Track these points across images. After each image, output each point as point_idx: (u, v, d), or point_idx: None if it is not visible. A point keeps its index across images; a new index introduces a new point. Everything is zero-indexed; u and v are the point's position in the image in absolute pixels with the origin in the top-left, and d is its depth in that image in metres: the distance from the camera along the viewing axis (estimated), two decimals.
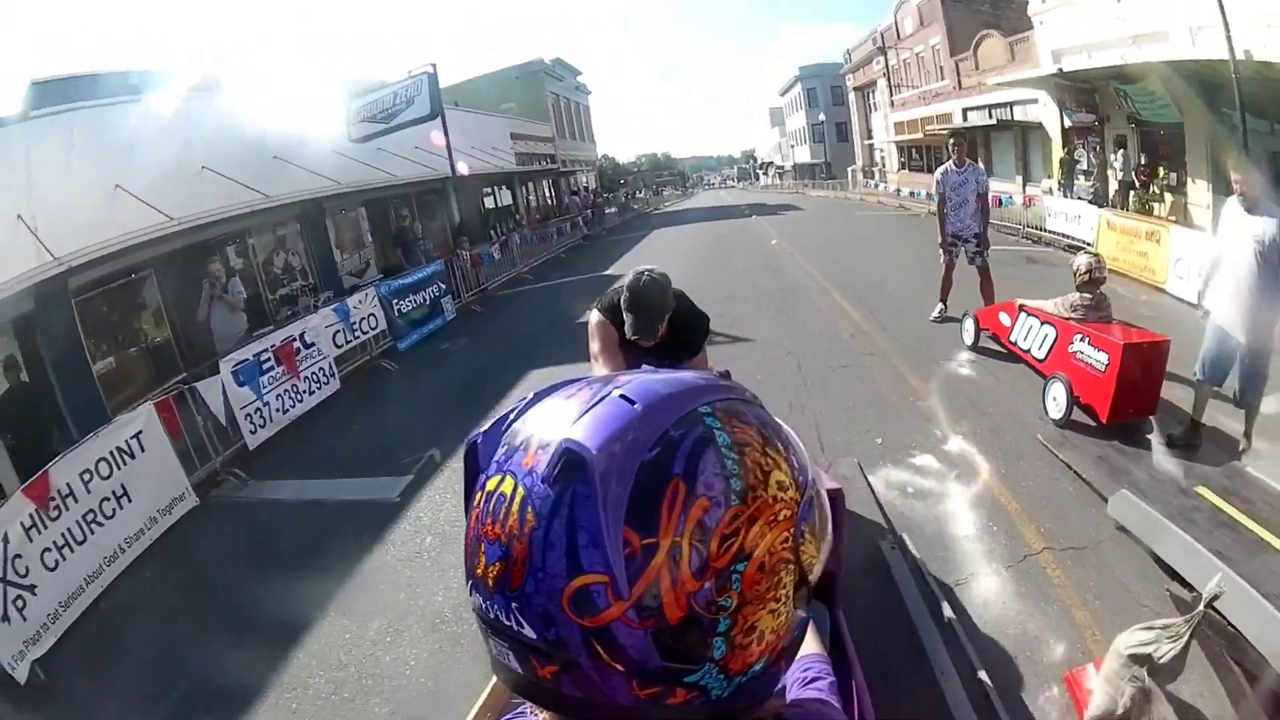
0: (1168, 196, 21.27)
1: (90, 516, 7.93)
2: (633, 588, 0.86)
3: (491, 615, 0.92)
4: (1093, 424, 7.48)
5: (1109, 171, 23.74)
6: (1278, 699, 3.74)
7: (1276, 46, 13.17)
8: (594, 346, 4.73)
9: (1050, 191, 25.70)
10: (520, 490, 0.91)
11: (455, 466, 9.00)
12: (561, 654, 0.88)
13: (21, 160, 12.70)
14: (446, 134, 22.74)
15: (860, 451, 7.61)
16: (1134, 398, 7.12)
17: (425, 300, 17.16)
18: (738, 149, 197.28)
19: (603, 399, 0.96)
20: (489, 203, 37.63)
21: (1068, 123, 26.02)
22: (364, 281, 22.97)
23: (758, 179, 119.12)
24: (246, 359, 10.81)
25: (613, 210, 54.68)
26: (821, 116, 73.74)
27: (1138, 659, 3.65)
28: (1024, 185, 30.95)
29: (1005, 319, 9.34)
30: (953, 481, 6.96)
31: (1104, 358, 7.22)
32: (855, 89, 59.20)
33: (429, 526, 7.90)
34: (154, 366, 15.25)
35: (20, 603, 6.92)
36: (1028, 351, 8.77)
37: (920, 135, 42.78)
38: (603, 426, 0.92)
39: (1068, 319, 7.98)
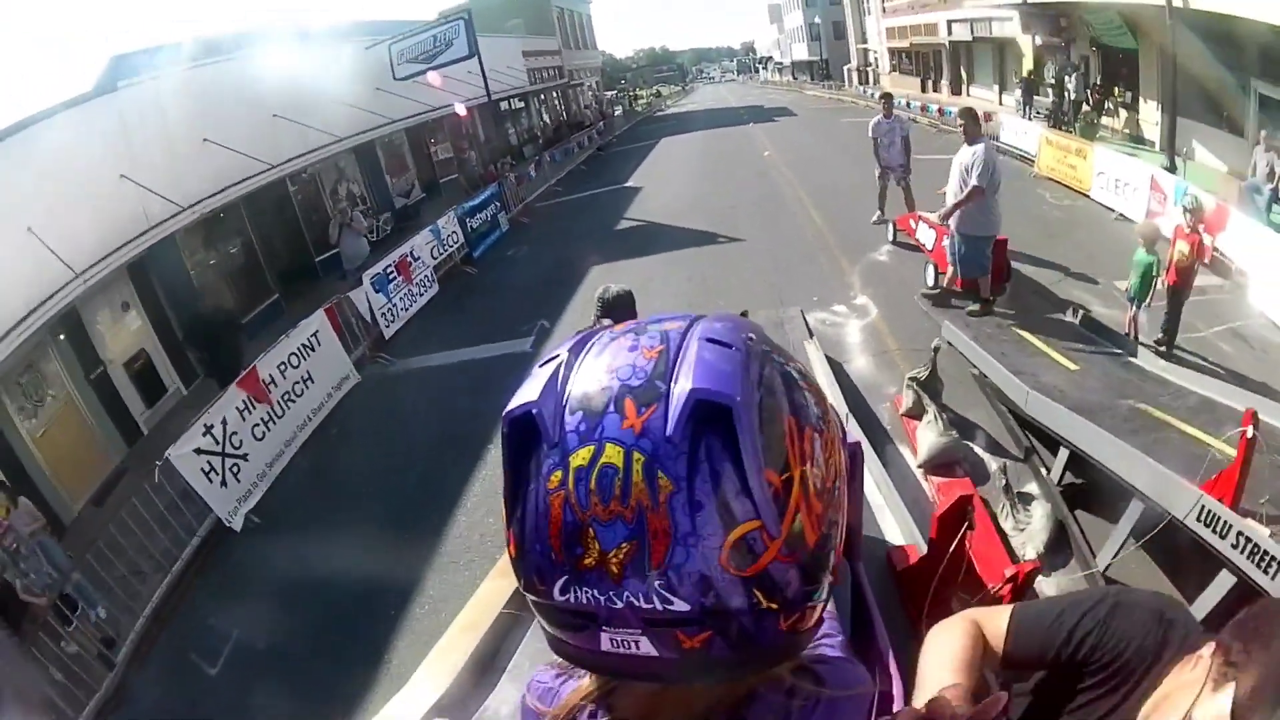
0: (1122, 113, 23.67)
1: (286, 396, 10.67)
2: (781, 525, 0.87)
3: (616, 605, 0.86)
4: (957, 289, 11.10)
5: (1065, 90, 25.79)
6: (1005, 399, 7.66)
7: None
8: None
9: (1021, 103, 28.15)
10: (637, 456, 0.85)
11: (565, 328, 12.76)
12: (718, 616, 0.86)
13: (117, 127, 14.48)
14: (483, 71, 25.91)
15: (803, 303, 11.06)
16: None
17: (488, 217, 20.45)
18: (737, 40, 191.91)
19: (684, 346, 0.93)
20: (508, 121, 39.71)
21: (1038, 41, 28.02)
22: (411, 201, 26.44)
23: (757, 73, 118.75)
24: (379, 272, 14.19)
25: (618, 113, 57.17)
26: (818, 18, 72.77)
27: (914, 379, 7.60)
28: (1000, 94, 32.89)
29: (912, 223, 12.74)
30: (853, 318, 11.31)
31: None
32: None
33: None
34: (244, 291, 17.75)
35: (235, 469, 9.36)
36: (923, 244, 12.22)
37: (908, 43, 44.29)
38: (718, 371, 0.89)
39: (942, 225, 11.34)
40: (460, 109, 26.12)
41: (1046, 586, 5.65)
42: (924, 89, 42.20)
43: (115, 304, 14.04)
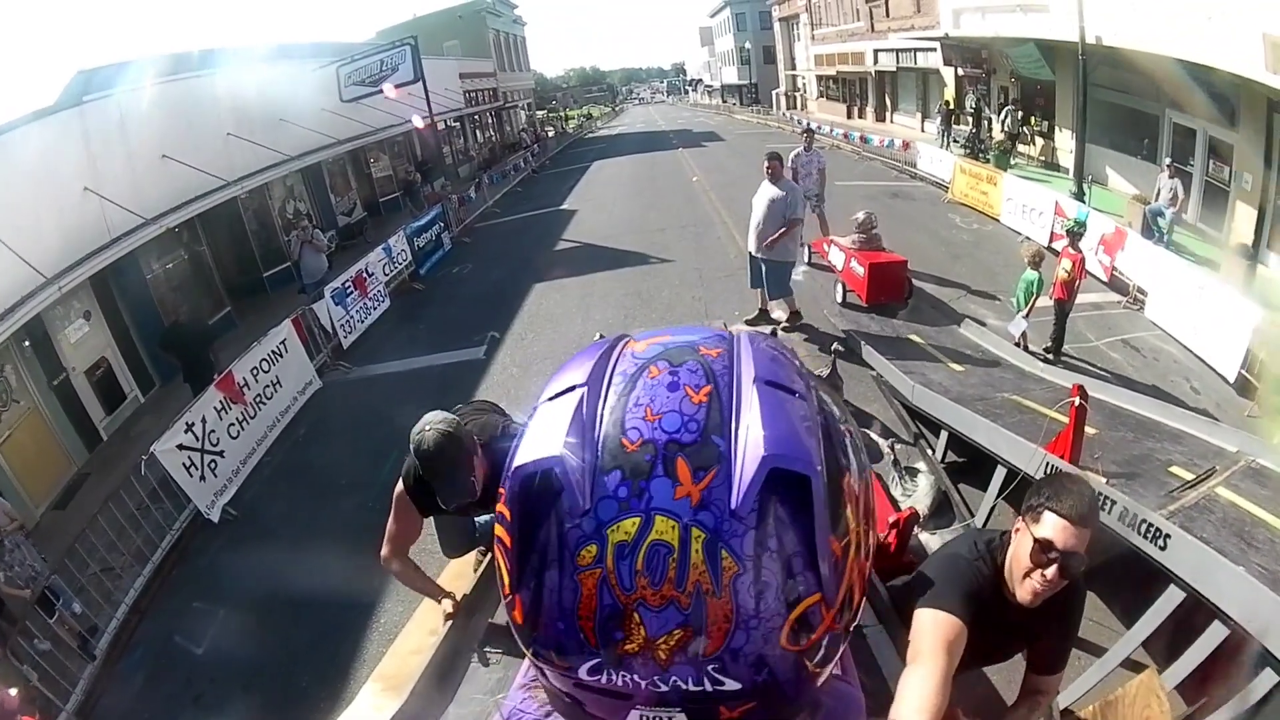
0: (1039, 141, 25.19)
1: (258, 398, 11.37)
2: (838, 594, 0.82)
3: (660, 689, 0.80)
4: (863, 305, 12.24)
5: (995, 123, 26.72)
6: (896, 393, 8.79)
7: (1121, 34, 16.33)
8: (392, 514, 4.09)
9: (941, 131, 28.96)
10: (697, 533, 0.78)
11: (514, 339, 13.84)
12: (768, 689, 0.81)
13: (81, 141, 14.78)
14: (427, 95, 26.79)
15: (726, 316, 12.20)
16: (881, 290, 12.05)
17: (433, 236, 21.28)
18: (668, 61, 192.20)
19: (737, 388, 0.86)
20: (445, 143, 39.81)
21: (960, 71, 29.48)
22: (354, 219, 27.00)
23: (687, 94, 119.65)
24: (338, 287, 15.00)
25: (551, 135, 58.79)
26: (748, 44, 73.56)
27: (817, 377, 8.58)
28: (922, 122, 34.48)
29: (825, 246, 13.83)
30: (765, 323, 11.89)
31: (861, 269, 12.11)
32: (780, 20, 60.62)
33: (512, 363, 12.72)
34: (199, 303, 17.65)
35: (213, 465, 9.94)
36: (834, 265, 13.37)
37: (834, 71, 45.62)
38: (792, 431, 0.81)
39: (849, 248, 12.65)
40: (418, 121, 26.98)
41: (934, 542, 6.78)
42: (850, 115, 43.77)
43: (78, 313, 14.31)
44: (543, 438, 0.85)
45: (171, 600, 8.67)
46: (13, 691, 4.08)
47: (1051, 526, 2.58)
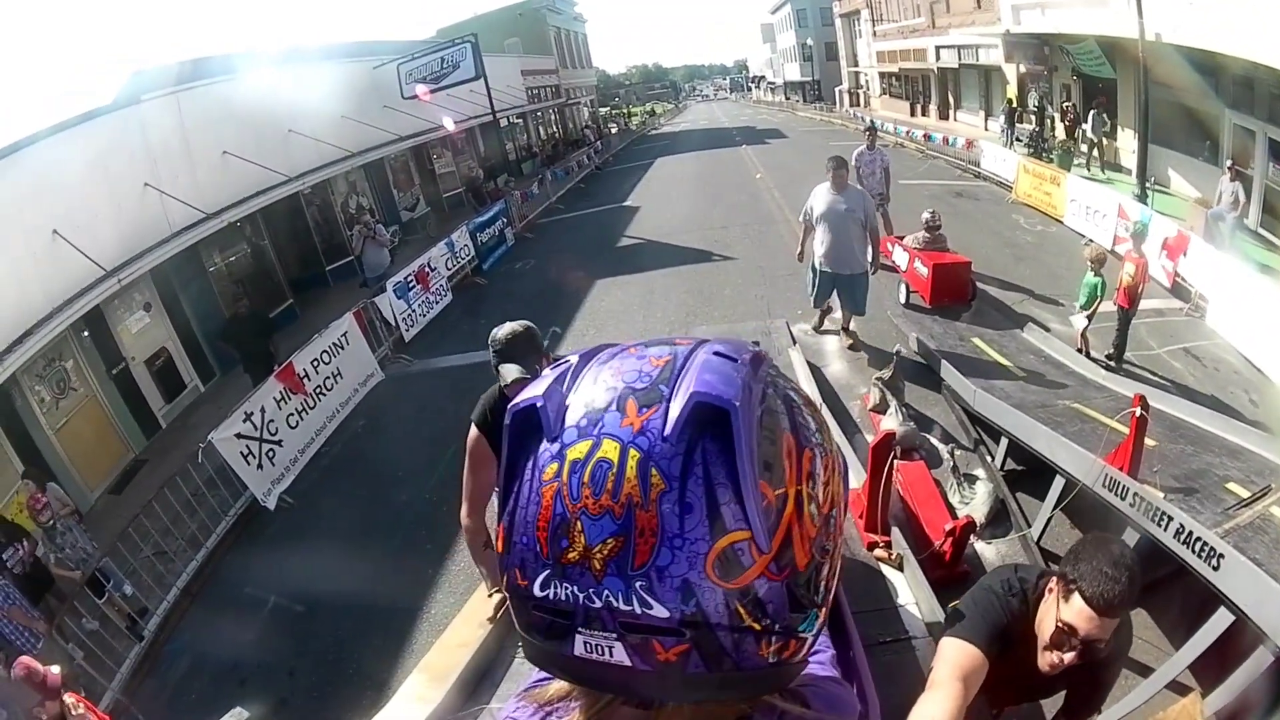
0: (1103, 140, 24.34)
1: (319, 390, 11.53)
2: (772, 540, 0.87)
3: (594, 604, 0.86)
4: (927, 306, 12.13)
5: (1057, 122, 26.56)
6: (957, 397, 8.75)
7: (1182, 31, 16.17)
8: (466, 466, 4.43)
9: (1005, 129, 28.71)
10: (633, 453, 0.87)
11: (576, 334, 13.87)
12: (697, 628, 0.85)
13: (139, 138, 15.27)
14: (489, 91, 27.20)
15: (788, 316, 11.98)
16: (946, 292, 11.92)
17: (495, 231, 21.46)
18: (730, 58, 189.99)
19: (692, 355, 0.97)
20: (508, 139, 40.33)
21: (1022, 68, 28.97)
22: (416, 215, 27.44)
23: (750, 91, 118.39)
24: (400, 281, 15.21)
25: (614, 131, 58.62)
26: (810, 40, 72.97)
27: (879, 379, 8.80)
28: (985, 119, 33.83)
29: (889, 246, 13.48)
30: (831, 329, 12.10)
31: (925, 270, 11.98)
32: (841, 16, 59.53)
33: None
34: (260, 296, 17.83)
35: (271, 454, 10.11)
36: (898, 266, 13.20)
37: (897, 68, 45.30)
38: (721, 379, 0.90)
39: (913, 248, 12.52)
40: (449, 124, 27.02)
41: (989, 551, 6.77)
42: (913, 113, 43.27)
43: (139, 305, 14.90)
44: (534, 387, 0.97)
45: (223, 585, 8.91)
46: (55, 669, 4.27)
47: (1076, 613, 2.57)
